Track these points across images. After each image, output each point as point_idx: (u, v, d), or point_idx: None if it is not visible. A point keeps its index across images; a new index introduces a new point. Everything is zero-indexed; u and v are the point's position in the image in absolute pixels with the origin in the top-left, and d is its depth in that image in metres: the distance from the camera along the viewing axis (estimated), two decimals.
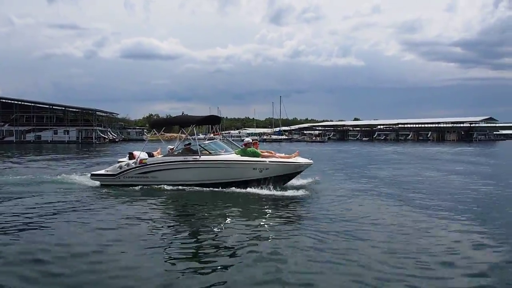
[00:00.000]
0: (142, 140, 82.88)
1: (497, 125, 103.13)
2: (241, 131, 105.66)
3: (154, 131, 13.12)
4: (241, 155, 11.21)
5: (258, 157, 11.07)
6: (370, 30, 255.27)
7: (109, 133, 74.22)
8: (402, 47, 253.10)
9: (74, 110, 74.05)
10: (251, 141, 11.95)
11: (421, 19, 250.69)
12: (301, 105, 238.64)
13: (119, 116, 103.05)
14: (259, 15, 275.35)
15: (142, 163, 11.63)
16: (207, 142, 12.05)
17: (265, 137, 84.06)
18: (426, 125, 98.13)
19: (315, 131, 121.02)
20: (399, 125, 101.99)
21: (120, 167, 11.85)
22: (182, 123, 12.98)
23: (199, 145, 11.46)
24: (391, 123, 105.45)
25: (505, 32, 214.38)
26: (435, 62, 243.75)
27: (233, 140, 13.93)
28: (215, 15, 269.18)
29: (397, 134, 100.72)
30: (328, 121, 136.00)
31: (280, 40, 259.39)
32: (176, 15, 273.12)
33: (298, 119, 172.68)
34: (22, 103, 68.00)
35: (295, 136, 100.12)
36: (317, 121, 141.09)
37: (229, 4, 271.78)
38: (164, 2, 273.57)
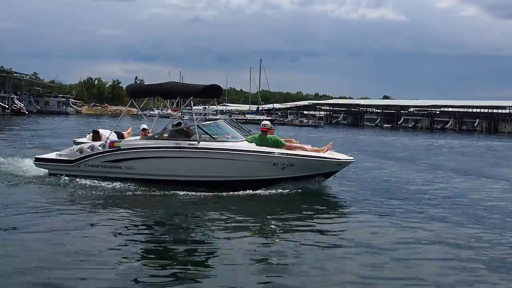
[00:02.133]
0: (66, 114, 72.55)
1: None
2: (207, 107, 77.92)
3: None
4: (257, 144, 9.55)
5: (281, 147, 9.58)
6: None
7: (15, 101, 61.62)
8: None
9: None
10: (270, 124, 10.10)
11: None
12: (312, 73, 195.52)
13: (45, 80, 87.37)
14: None
15: (113, 146, 9.81)
16: (207, 122, 10.92)
17: (237, 116, 69.49)
18: (473, 110, 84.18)
19: (320, 112, 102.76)
20: (440, 109, 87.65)
21: (81, 151, 10.08)
22: (175, 93, 10.95)
23: (197, 126, 9.73)
24: (424, 104, 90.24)
25: None
26: (507, 20, 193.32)
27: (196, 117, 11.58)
28: None
29: (431, 121, 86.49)
30: (345, 98, 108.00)
31: None
32: None
33: (304, 93, 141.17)
34: None
35: (289, 118, 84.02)
36: (331, 98, 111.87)
37: None
38: None
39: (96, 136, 10.59)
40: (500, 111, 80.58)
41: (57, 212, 7.38)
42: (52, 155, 10.54)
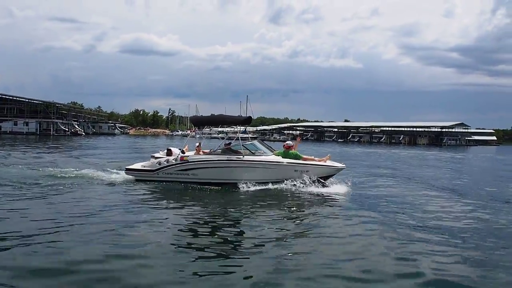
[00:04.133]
0: (114, 134, 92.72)
1: (468, 130, 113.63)
2: (212, 128, 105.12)
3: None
4: (283, 157, 12.26)
5: (299, 159, 12.24)
6: (369, 32, 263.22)
7: (75, 126, 79.17)
8: (400, 51, 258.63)
9: (37, 102, 78.23)
10: (292, 144, 12.94)
11: (419, 23, 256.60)
12: (298, 104, 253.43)
13: (107, 111, 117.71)
14: (258, 15, 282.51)
15: (183, 160, 12.19)
16: (248, 142, 13.12)
17: (231, 135, 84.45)
18: (399, 129, 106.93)
19: (296, 131, 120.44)
20: (377, 128, 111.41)
21: (159, 163, 12.47)
22: (224, 122, 14.04)
23: (242, 145, 12.43)
24: (366, 125, 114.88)
25: (502, 40, 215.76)
26: (432, 66, 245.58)
27: (204, 136, 15.34)
28: (215, 13, 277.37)
29: (371, 137, 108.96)
30: (318, 121, 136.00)
31: (279, 40, 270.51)
32: (176, 12, 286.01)
33: (289, 118, 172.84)
34: None
35: (275, 136, 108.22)
36: (309, 121, 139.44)
37: (229, 2, 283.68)
38: None
39: (169, 152, 12.95)
40: (417, 129, 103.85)
41: (145, 204, 9.48)
42: (138, 166, 12.83)
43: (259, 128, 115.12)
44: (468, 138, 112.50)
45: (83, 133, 77.29)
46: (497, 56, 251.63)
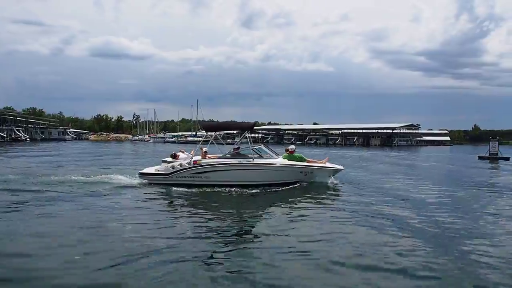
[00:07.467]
0: (64, 140, 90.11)
1: (419, 131, 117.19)
2: (166, 133, 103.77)
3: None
4: (289, 160, 13.20)
5: (304, 162, 13.24)
6: (339, 37, 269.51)
7: (17, 131, 75.62)
8: (370, 55, 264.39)
9: None
10: (295, 148, 13.99)
11: (388, 28, 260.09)
12: (271, 108, 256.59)
13: (71, 116, 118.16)
14: (230, 19, 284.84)
15: (196, 163, 12.71)
16: (257, 147, 13.98)
17: (182, 139, 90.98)
18: (354, 131, 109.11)
19: (258, 134, 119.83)
20: (333, 131, 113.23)
21: (173, 167, 12.94)
22: (234, 128, 15.29)
23: (251, 148, 13.22)
24: (323, 127, 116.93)
25: (465, 44, 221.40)
26: (400, 70, 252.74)
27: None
28: (187, 16, 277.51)
29: (327, 139, 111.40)
30: (288, 124, 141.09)
31: (252, 43, 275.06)
32: (147, 15, 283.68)
33: (260, 122, 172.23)
34: None
35: (236, 139, 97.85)
36: (279, 125, 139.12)
37: (200, 6, 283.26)
38: (135, 2, 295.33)
39: (174, 156, 13.73)
40: (370, 131, 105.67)
41: (161, 205, 10.13)
42: (151, 170, 13.31)
43: (222, 132, 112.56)
44: (419, 138, 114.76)
45: (28, 139, 74.17)
46: (461, 60, 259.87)
